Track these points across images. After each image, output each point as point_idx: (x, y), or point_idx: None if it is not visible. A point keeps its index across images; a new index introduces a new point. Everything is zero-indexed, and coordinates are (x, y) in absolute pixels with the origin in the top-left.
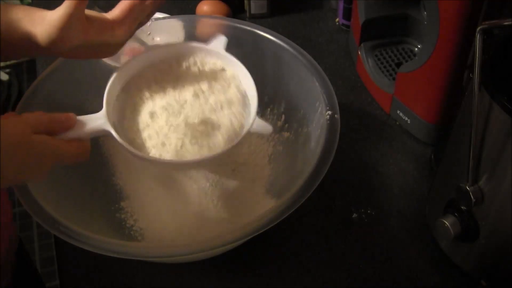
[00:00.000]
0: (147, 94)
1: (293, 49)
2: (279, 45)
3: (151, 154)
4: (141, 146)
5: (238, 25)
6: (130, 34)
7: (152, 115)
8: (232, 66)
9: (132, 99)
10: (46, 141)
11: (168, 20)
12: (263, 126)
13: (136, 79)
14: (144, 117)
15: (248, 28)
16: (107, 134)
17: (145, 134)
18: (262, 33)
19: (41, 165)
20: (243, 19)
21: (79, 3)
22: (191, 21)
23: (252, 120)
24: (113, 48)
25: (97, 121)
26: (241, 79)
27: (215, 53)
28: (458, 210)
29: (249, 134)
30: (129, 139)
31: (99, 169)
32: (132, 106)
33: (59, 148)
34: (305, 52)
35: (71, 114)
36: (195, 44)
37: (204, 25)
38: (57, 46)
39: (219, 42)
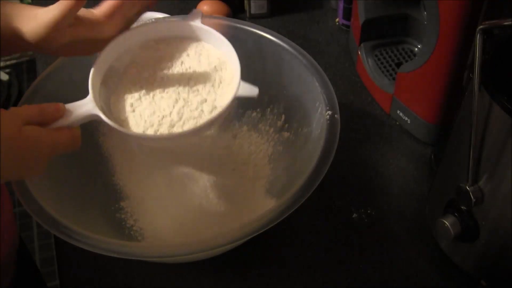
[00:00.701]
0: (129, 76)
1: (293, 49)
2: (279, 45)
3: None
4: (131, 127)
5: (238, 25)
6: (118, 31)
7: (137, 96)
8: (208, 37)
9: (116, 82)
10: (37, 131)
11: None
12: (249, 89)
13: (117, 63)
14: (129, 99)
15: (248, 28)
16: (97, 118)
17: (132, 116)
18: (262, 33)
19: (36, 157)
20: (243, 19)
21: (73, 7)
22: None
23: (236, 85)
24: (101, 44)
25: (85, 106)
26: (220, 48)
27: (189, 26)
28: (458, 210)
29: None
30: (119, 122)
31: (99, 169)
32: (117, 89)
33: (52, 137)
34: (305, 52)
35: (60, 104)
36: (170, 20)
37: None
38: (45, 44)
39: (194, 15)
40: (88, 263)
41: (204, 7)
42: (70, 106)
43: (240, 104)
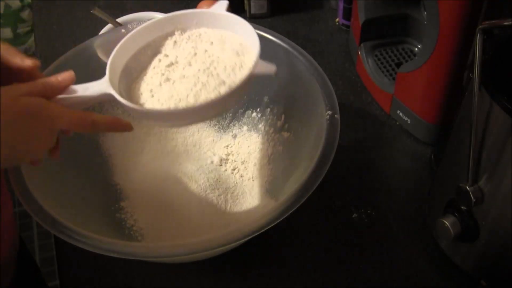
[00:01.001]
0: (152, 65)
1: (293, 49)
2: (279, 45)
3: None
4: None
5: None
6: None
7: (157, 83)
8: (232, 24)
9: (138, 71)
10: (37, 99)
11: None
12: (266, 66)
13: (140, 52)
14: (149, 85)
15: None
16: (110, 98)
17: (150, 101)
18: (262, 33)
19: (36, 127)
20: (243, 19)
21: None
22: None
23: (254, 62)
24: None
25: (99, 86)
26: (242, 34)
27: (214, 15)
28: (458, 210)
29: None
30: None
31: (99, 169)
32: (139, 77)
33: (52, 108)
34: (305, 52)
35: (68, 72)
36: (194, 11)
37: None
38: None
39: (220, 6)
40: (88, 263)
41: (204, 7)
42: (84, 85)
43: (240, 104)
